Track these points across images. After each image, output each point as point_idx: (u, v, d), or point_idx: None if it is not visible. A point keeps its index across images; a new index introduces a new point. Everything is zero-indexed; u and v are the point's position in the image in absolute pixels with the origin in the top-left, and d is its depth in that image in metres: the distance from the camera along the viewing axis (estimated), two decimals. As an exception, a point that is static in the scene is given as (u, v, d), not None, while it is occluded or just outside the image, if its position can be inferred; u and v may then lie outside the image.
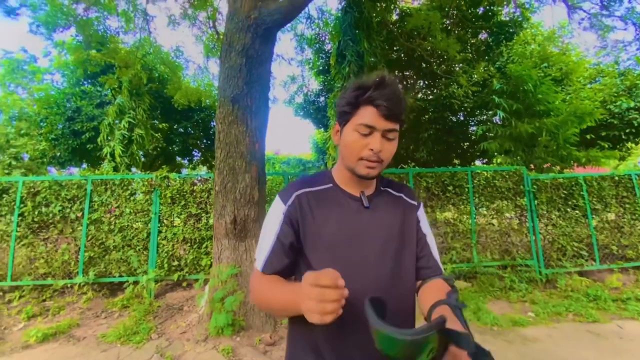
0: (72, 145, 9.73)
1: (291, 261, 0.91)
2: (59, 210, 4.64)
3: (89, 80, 10.71)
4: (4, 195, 4.65)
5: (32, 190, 4.67)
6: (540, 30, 10.34)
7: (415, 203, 1.01)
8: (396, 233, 0.92)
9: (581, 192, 5.33)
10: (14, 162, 11.67)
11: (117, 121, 8.40)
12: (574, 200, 5.32)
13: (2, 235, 4.56)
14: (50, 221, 4.66)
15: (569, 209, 5.32)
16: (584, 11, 8.08)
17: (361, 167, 0.86)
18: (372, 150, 0.83)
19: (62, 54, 11.02)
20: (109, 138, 8.26)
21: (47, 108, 10.17)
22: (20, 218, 4.58)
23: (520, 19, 9.01)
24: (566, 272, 5.02)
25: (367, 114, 0.83)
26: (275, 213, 0.92)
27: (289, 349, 0.96)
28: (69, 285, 4.57)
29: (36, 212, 4.61)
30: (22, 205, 4.60)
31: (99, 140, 8.34)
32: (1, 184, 4.67)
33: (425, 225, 1.00)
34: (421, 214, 1.01)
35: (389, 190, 1.00)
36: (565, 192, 5.34)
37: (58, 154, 10.11)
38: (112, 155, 8.03)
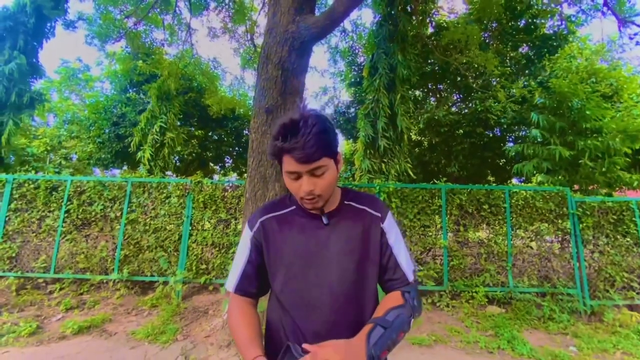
0: (116, 149, 10.40)
1: (260, 283, 1.00)
2: (101, 209, 4.94)
3: (134, 88, 11.47)
4: (54, 193, 5.02)
5: (79, 189, 5.01)
6: (587, 44, 9.79)
7: (379, 214, 1.00)
8: (357, 246, 0.95)
9: (633, 218, 4.88)
10: (63, 162, 12.66)
11: (150, 127, 8.84)
12: (625, 227, 4.88)
13: (49, 229, 4.90)
14: (92, 219, 4.96)
15: (619, 236, 4.88)
16: (637, 25, 7.56)
17: (305, 204, 0.90)
18: (304, 191, 0.86)
19: (112, 63, 11.92)
20: (142, 143, 8.70)
21: (96, 113, 11.00)
22: (66, 214, 4.92)
23: (565, 32, 8.59)
24: (614, 305, 4.58)
25: (288, 163, 0.85)
26: (244, 239, 1.01)
27: None
28: (104, 281, 4.81)
29: (80, 210, 4.94)
30: (68, 203, 4.94)
31: (132, 144, 8.83)
32: (52, 182, 5.05)
33: (393, 236, 1.00)
34: (388, 225, 1.00)
35: (352, 203, 1.01)
36: (614, 217, 4.91)
37: (103, 156, 10.85)
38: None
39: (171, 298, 4.54)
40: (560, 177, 6.39)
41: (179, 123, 11.15)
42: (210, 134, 12.85)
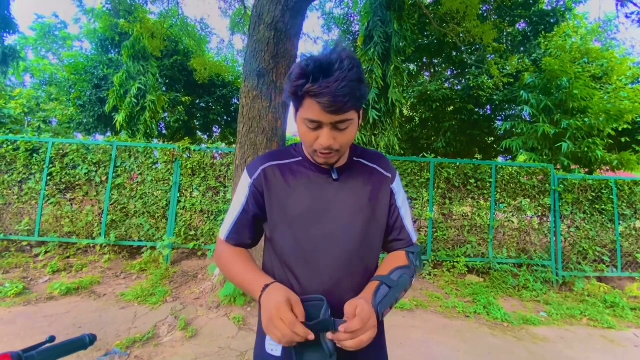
0: (98, 113, 9.99)
1: (255, 233, 0.95)
2: (85, 173, 4.82)
3: (116, 49, 10.85)
4: (35, 155, 4.85)
5: (61, 152, 4.85)
6: (584, 23, 9.69)
7: (390, 175, 0.97)
8: (365, 205, 0.90)
9: (610, 196, 5.09)
10: (43, 126, 12.13)
11: (129, 89, 8.34)
12: (602, 204, 5.10)
13: (31, 192, 4.77)
14: (77, 183, 4.85)
15: (595, 213, 5.11)
16: (635, 5, 7.49)
17: (317, 157, 0.83)
18: (322, 145, 0.78)
19: (91, 21, 11.19)
20: (119, 106, 8.29)
21: (75, 74, 10.43)
22: (48, 177, 4.78)
23: (563, 9, 8.45)
24: (585, 277, 4.87)
25: (311, 109, 0.73)
26: (243, 186, 0.93)
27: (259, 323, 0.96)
28: (91, 245, 4.79)
29: (64, 173, 4.81)
30: (51, 166, 4.79)
31: (106, 108, 8.38)
32: (32, 144, 4.86)
33: (401, 197, 0.98)
34: (396, 186, 0.98)
35: (362, 160, 0.96)
36: (593, 194, 5.11)
37: (84, 120, 10.41)
38: (127, 123, 8.15)
39: (160, 263, 4.57)
40: (544, 156, 6.54)
41: (164, 88, 10.70)
42: (197, 101, 12.41)
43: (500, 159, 11.36)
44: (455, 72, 10.87)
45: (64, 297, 3.50)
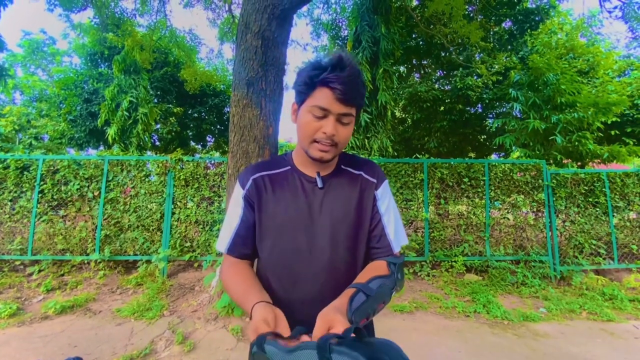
0: (89, 127, 9.93)
1: (255, 243, 0.94)
2: (77, 189, 4.76)
3: (106, 63, 10.83)
4: (25, 173, 4.79)
5: (52, 168, 4.80)
6: (568, 19, 9.87)
7: (374, 180, 0.96)
8: (352, 212, 0.91)
9: (603, 189, 5.14)
10: (34, 142, 12.03)
11: (120, 102, 8.31)
12: (595, 197, 5.14)
13: (22, 211, 4.71)
14: (69, 199, 4.79)
15: (589, 206, 5.15)
16: (618, -1, 7.64)
17: (314, 149, 0.84)
18: (325, 133, 0.81)
19: (79, 36, 11.17)
20: (110, 119, 8.26)
21: (65, 89, 10.38)
22: (40, 195, 4.72)
23: (547, 7, 8.60)
24: (582, 270, 4.89)
25: (322, 96, 0.79)
26: (237, 197, 0.95)
27: None
28: (85, 262, 4.72)
29: (55, 190, 4.75)
30: (42, 183, 4.73)
31: (98, 122, 8.36)
32: (22, 161, 4.80)
33: (385, 203, 0.96)
34: (381, 192, 0.96)
35: (349, 169, 0.97)
36: (586, 188, 5.16)
37: (76, 135, 10.34)
38: (120, 136, 8.12)
39: (156, 276, 4.52)
40: (536, 151, 6.60)
41: (155, 99, 10.67)
42: (189, 111, 12.40)
43: (493, 157, 11.44)
44: (444, 72, 10.97)
45: (58, 316, 3.43)
